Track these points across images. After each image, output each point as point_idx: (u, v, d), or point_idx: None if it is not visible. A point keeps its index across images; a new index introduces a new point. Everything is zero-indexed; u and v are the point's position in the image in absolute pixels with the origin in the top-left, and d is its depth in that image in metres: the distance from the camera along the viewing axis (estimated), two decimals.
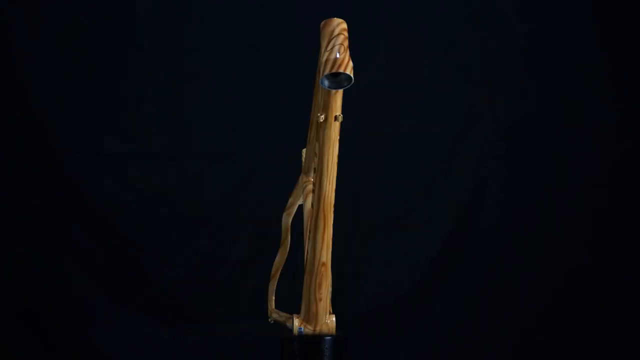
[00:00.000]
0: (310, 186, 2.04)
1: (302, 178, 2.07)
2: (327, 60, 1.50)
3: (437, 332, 2.90)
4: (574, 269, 2.89)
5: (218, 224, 2.88)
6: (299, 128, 2.89)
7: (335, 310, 2.01)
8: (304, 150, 2.09)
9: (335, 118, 1.58)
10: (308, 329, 1.83)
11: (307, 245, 1.83)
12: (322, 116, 1.58)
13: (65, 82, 2.85)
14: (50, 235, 2.85)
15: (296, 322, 1.83)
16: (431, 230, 2.92)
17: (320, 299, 1.80)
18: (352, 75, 1.50)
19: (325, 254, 1.76)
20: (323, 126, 1.60)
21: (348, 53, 1.50)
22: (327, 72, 1.50)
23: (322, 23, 1.55)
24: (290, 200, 2.10)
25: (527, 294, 2.90)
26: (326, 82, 1.52)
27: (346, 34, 1.53)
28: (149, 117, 2.90)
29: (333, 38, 1.52)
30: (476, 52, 2.91)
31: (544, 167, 2.91)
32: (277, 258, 2.16)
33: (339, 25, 1.54)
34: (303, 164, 2.03)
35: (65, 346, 2.83)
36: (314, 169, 1.80)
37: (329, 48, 1.51)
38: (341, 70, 1.49)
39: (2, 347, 2.82)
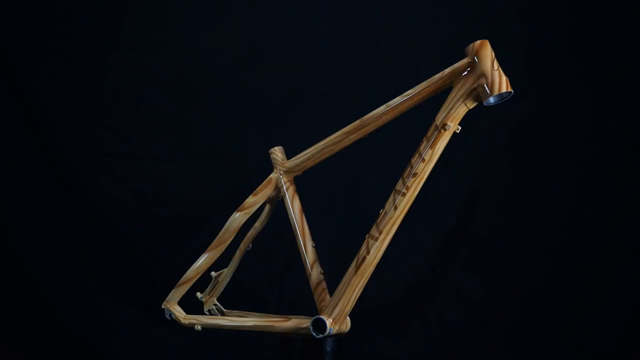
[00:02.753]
0: (293, 187, 2.00)
1: (283, 178, 2.00)
2: (500, 80, 1.70)
3: (437, 332, 2.90)
4: (574, 269, 2.89)
5: (218, 224, 2.87)
6: (299, 128, 2.90)
7: None
8: (277, 149, 2.04)
9: (445, 127, 1.80)
10: (335, 329, 1.81)
11: (369, 246, 1.78)
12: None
13: (65, 82, 2.86)
14: (50, 235, 2.85)
15: (328, 322, 1.79)
16: (431, 230, 2.92)
17: (357, 298, 1.80)
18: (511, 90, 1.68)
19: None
20: (444, 135, 1.79)
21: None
22: (503, 90, 1.68)
23: (479, 44, 1.79)
24: (252, 200, 2.02)
25: (526, 294, 2.90)
26: (492, 100, 1.71)
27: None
28: (149, 118, 2.91)
29: (494, 60, 1.74)
30: None
31: (544, 167, 2.91)
32: (205, 260, 2.10)
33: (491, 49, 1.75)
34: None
35: (65, 346, 2.83)
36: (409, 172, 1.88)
37: (495, 68, 1.72)
38: (509, 90, 1.69)
39: (2, 347, 2.82)
